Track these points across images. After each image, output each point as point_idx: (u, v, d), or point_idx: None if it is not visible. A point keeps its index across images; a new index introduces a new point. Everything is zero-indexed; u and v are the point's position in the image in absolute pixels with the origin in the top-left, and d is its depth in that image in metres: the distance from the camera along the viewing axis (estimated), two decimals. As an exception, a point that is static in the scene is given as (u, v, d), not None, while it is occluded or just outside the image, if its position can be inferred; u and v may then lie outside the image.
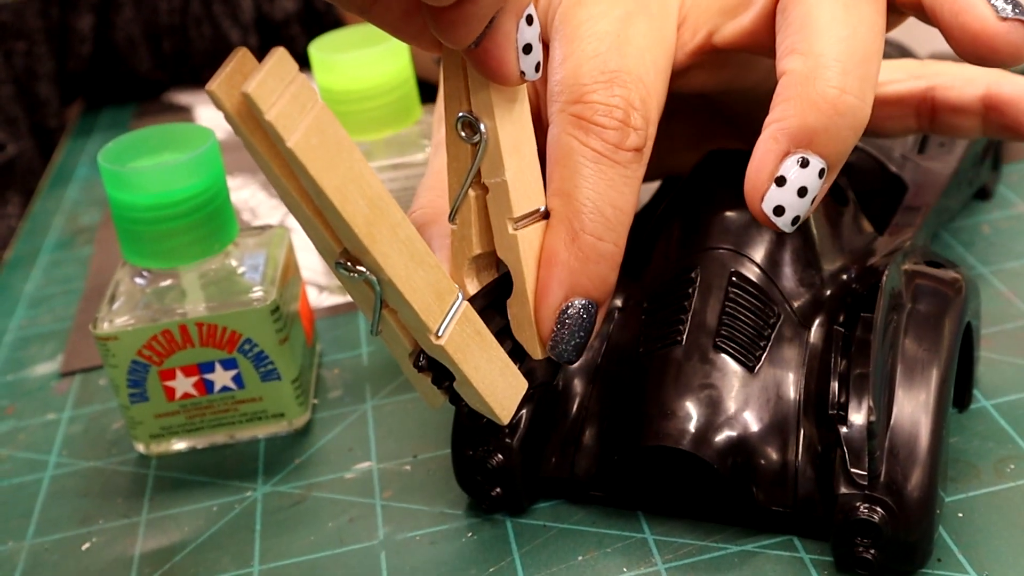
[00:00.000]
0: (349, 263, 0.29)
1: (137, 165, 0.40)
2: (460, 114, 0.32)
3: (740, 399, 0.34)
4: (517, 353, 0.34)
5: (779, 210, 0.30)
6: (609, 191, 0.32)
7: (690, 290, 0.35)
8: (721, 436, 0.33)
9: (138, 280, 0.41)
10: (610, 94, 0.33)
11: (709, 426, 0.33)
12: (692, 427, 0.33)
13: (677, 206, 0.38)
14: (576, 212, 0.32)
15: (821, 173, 0.30)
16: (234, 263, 0.42)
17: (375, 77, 0.48)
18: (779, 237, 0.36)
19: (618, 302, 0.38)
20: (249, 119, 0.26)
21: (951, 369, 0.33)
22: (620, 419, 0.35)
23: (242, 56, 0.26)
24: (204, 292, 0.41)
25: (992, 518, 0.34)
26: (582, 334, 0.32)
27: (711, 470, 0.33)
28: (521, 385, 0.34)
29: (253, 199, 0.61)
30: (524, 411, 0.36)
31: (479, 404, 0.32)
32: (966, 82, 0.39)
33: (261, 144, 0.27)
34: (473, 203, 0.34)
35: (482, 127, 0.32)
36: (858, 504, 0.32)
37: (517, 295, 0.34)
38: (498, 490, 0.36)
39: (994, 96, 0.38)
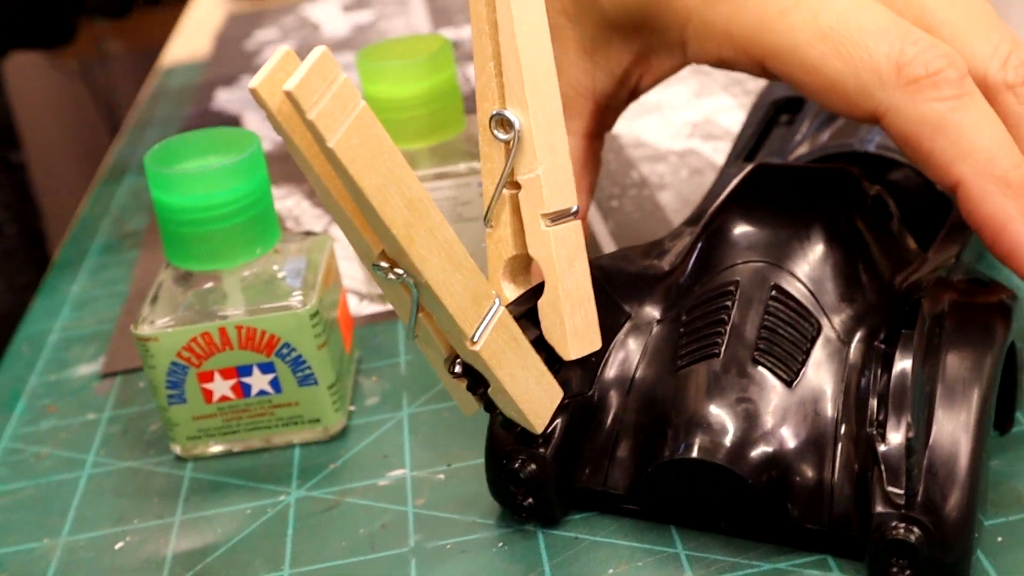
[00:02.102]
0: (387, 265, 0.29)
1: (182, 168, 0.40)
2: (494, 112, 0.33)
3: (777, 414, 0.34)
4: (552, 363, 0.34)
5: None
6: (985, 122, 0.33)
7: (729, 303, 0.35)
8: (757, 451, 0.33)
9: (179, 282, 0.42)
10: (911, 43, 0.33)
11: (745, 440, 0.33)
12: (728, 441, 0.33)
13: (719, 218, 0.38)
14: (989, 157, 0.33)
15: None
16: (276, 268, 0.42)
17: (420, 86, 0.48)
18: (821, 252, 0.36)
19: (656, 314, 0.38)
20: (291, 118, 0.27)
21: (993, 390, 0.33)
22: (655, 431, 0.35)
23: (286, 55, 0.26)
24: (245, 295, 0.42)
25: (1034, 544, 0.34)
26: None
27: (746, 485, 0.33)
28: (556, 394, 0.34)
29: (297, 208, 0.62)
30: (559, 421, 0.35)
31: (514, 412, 0.32)
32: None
33: (302, 143, 0.27)
34: (508, 202, 0.34)
35: (516, 123, 0.33)
36: (894, 524, 0.31)
37: (549, 295, 0.34)
38: (530, 500, 0.36)
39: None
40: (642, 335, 0.37)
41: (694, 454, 0.33)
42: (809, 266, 0.36)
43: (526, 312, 0.34)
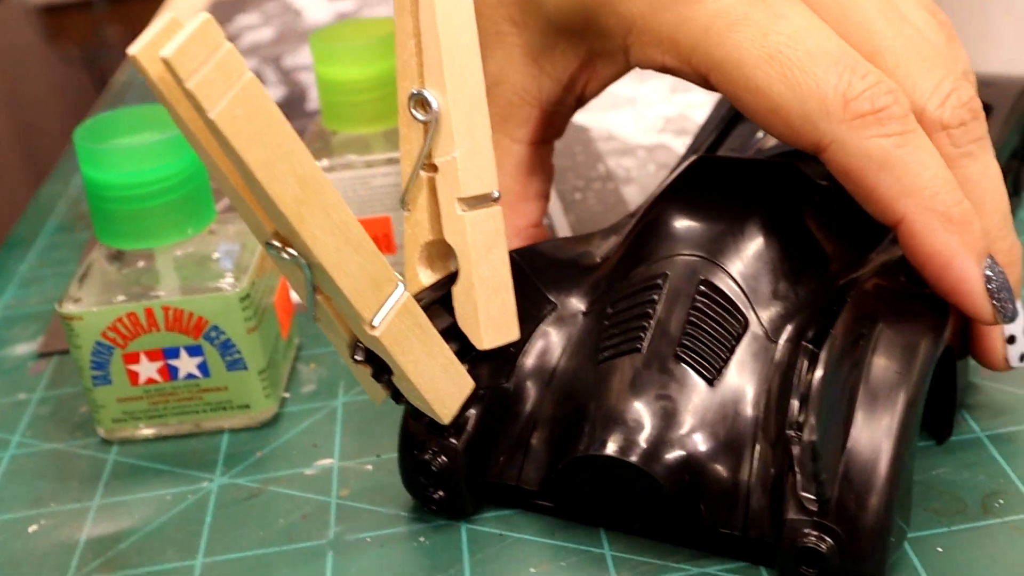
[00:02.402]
0: (279, 244, 0.28)
1: (113, 143, 0.39)
2: (413, 91, 0.32)
3: (696, 413, 0.32)
4: (466, 352, 0.33)
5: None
6: (928, 159, 0.32)
7: (656, 296, 0.34)
8: (672, 452, 0.32)
9: (110, 260, 0.41)
10: (860, 76, 0.32)
11: (660, 440, 0.32)
12: (643, 440, 0.32)
13: (654, 209, 0.36)
14: (932, 194, 0.32)
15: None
16: (210, 249, 0.41)
17: (373, 68, 0.47)
18: (757, 247, 0.34)
19: (583, 306, 0.36)
20: (173, 88, 0.25)
21: (920, 396, 0.31)
22: (571, 426, 0.34)
23: (171, 22, 0.25)
24: (178, 275, 0.40)
25: (974, 555, 0.32)
26: (1009, 286, 0.33)
27: (658, 486, 0.31)
28: (466, 385, 0.32)
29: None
30: (472, 412, 0.34)
31: (419, 401, 0.31)
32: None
33: (186, 115, 0.26)
34: (425, 185, 0.33)
35: (434, 104, 0.31)
36: (806, 531, 0.30)
37: (463, 282, 0.33)
38: (441, 493, 0.35)
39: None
40: (567, 327, 0.36)
41: (607, 451, 0.32)
42: (742, 261, 0.34)
43: (440, 299, 0.33)
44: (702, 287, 0.34)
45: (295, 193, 0.27)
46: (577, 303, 0.36)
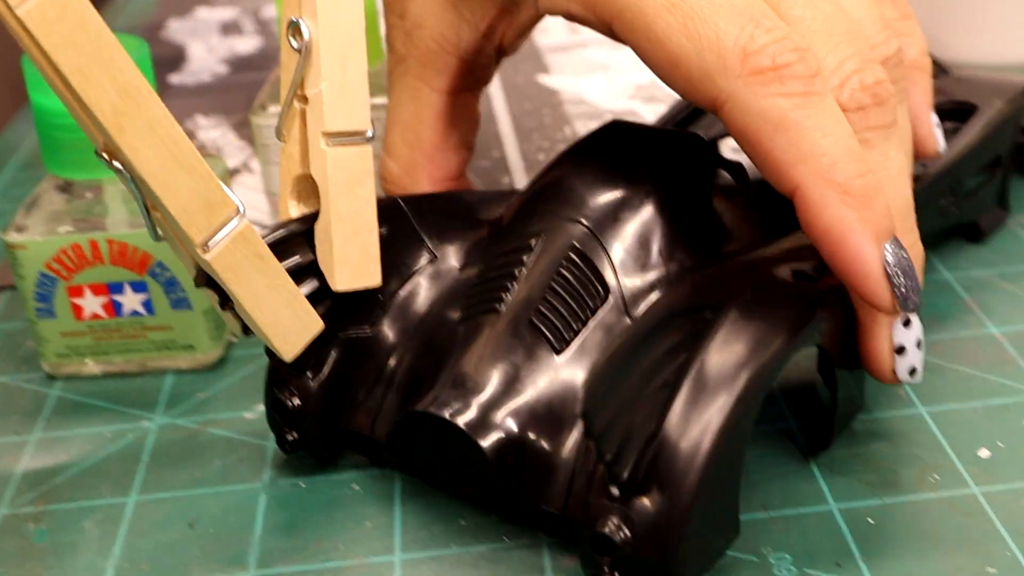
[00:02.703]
0: (107, 156, 0.28)
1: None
2: (292, 19, 0.32)
3: (536, 384, 0.31)
4: (324, 292, 0.33)
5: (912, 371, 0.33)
6: (833, 125, 0.30)
7: (525, 258, 0.33)
8: (502, 420, 0.31)
9: (58, 191, 0.40)
10: (764, 31, 0.30)
11: (494, 406, 0.31)
12: (476, 403, 0.31)
13: (551, 172, 0.35)
14: (831, 163, 0.30)
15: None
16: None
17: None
18: (641, 219, 0.33)
19: (455, 263, 0.35)
20: None
21: (756, 392, 0.29)
22: (421, 381, 0.33)
23: None
24: (127, 208, 0.40)
25: (904, 527, 0.32)
26: (913, 272, 0.31)
27: (481, 453, 0.30)
28: (314, 324, 0.32)
29: (223, 139, 0.60)
30: (331, 355, 0.34)
31: (260, 333, 0.31)
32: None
33: (8, 17, 0.26)
34: (298, 117, 0.33)
35: (306, 33, 0.32)
36: (604, 516, 0.28)
37: (322, 219, 0.33)
38: (294, 434, 0.34)
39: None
40: (442, 279, 0.35)
41: (437, 410, 0.31)
42: (621, 230, 0.33)
43: (303, 234, 0.33)
44: (571, 253, 0.32)
45: (113, 102, 0.27)
46: (457, 256, 0.35)
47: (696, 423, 0.28)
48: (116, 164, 0.28)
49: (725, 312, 0.30)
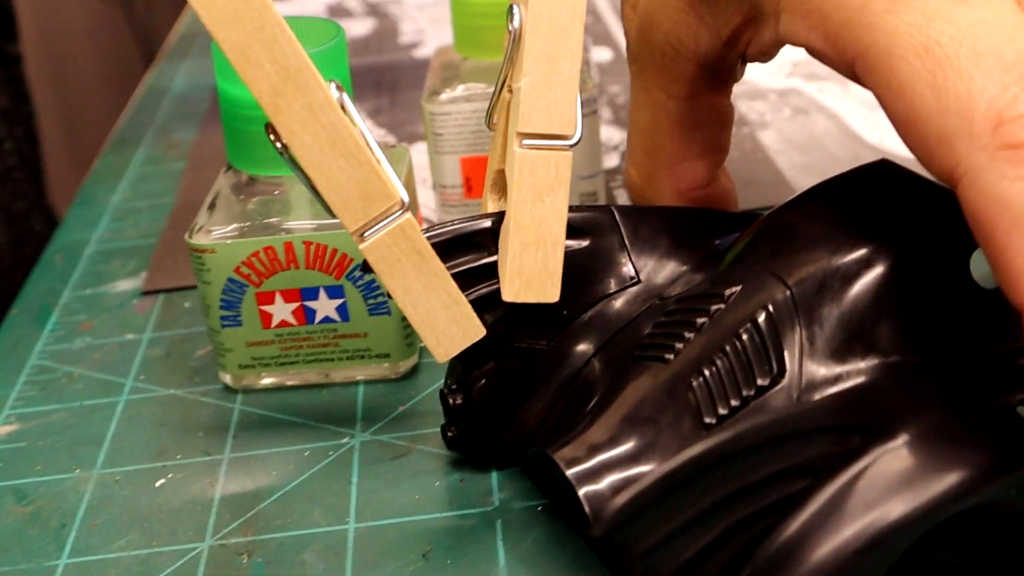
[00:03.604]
0: (273, 135, 0.29)
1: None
2: (512, 2, 0.30)
3: (665, 458, 0.27)
4: (490, 300, 0.31)
5: None
6: None
7: (714, 307, 0.29)
8: (615, 482, 0.27)
9: (239, 189, 0.37)
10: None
11: (613, 466, 0.27)
12: (597, 458, 0.27)
13: (788, 210, 0.31)
14: None
15: None
16: (347, 181, 0.37)
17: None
18: (856, 299, 0.28)
19: (661, 288, 0.32)
20: None
21: (906, 530, 0.24)
22: (575, 410, 0.30)
23: None
24: (313, 209, 0.36)
25: None
26: None
27: (584, 516, 0.27)
28: (473, 331, 0.30)
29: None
30: (502, 362, 0.32)
31: (415, 328, 0.30)
32: None
33: None
34: (505, 108, 0.31)
35: (516, 18, 0.29)
36: None
37: (505, 224, 0.30)
38: (453, 430, 0.33)
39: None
40: (640, 305, 0.32)
41: (553, 453, 0.28)
42: (823, 301, 0.28)
43: (494, 232, 0.31)
44: (759, 319, 0.28)
45: (273, 83, 0.27)
46: (666, 282, 0.32)
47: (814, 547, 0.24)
48: (278, 144, 0.29)
49: (890, 436, 0.25)
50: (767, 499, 0.25)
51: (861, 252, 0.28)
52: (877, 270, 0.28)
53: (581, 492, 0.27)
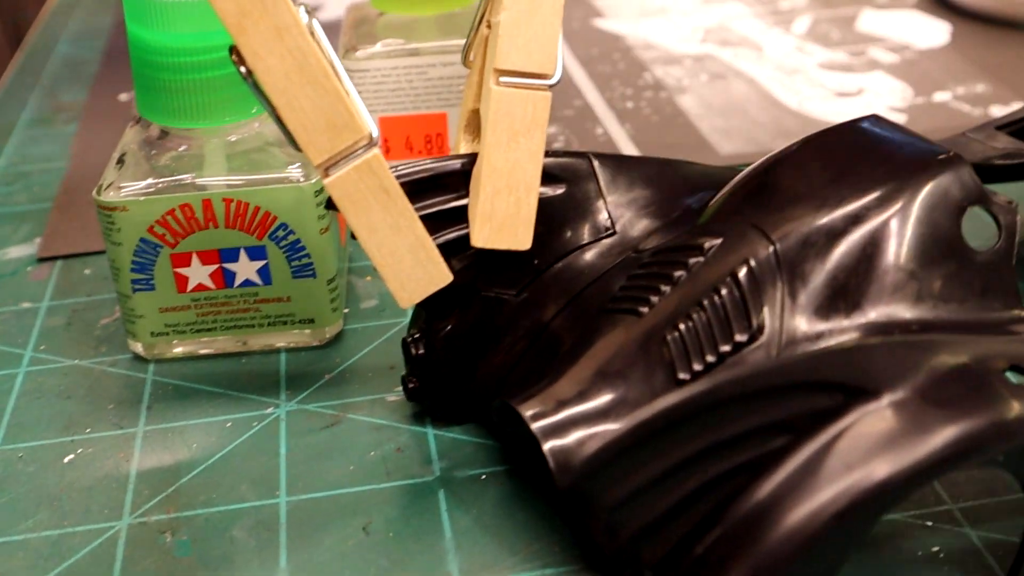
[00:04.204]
0: (236, 58, 0.27)
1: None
2: None
3: (635, 416, 0.26)
4: (458, 245, 0.29)
5: None
6: None
7: (692, 261, 0.28)
8: (584, 438, 0.26)
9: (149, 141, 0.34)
10: None
11: (582, 421, 0.26)
12: (565, 413, 0.26)
13: (781, 158, 0.29)
14: None
15: None
16: (268, 134, 0.35)
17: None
18: (842, 256, 0.27)
19: (637, 240, 0.31)
20: None
21: (883, 499, 0.24)
22: (544, 362, 0.29)
23: None
24: (229, 164, 0.34)
25: None
26: None
27: (547, 468, 0.26)
28: (440, 276, 0.28)
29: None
30: (469, 311, 0.30)
31: (379, 270, 0.28)
32: None
33: None
34: (482, 44, 0.29)
35: None
36: None
37: (477, 166, 0.29)
38: (415, 381, 0.31)
39: None
40: (614, 257, 0.30)
41: (519, 405, 0.27)
42: (808, 259, 0.27)
43: (466, 174, 0.29)
44: (740, 274, 0.27)
45: (239, 2, 0.26)
46: (642, 235, 0.31)
47: (787, 512, 0.23)
48: (242, 69, 0.27)
49: (874, 396, 0.24)
50: (741, 456, 0.24)
51: (848, 208, 0.27)
52: (865, 228, 0.27)
53: (546, 447, 0.26)
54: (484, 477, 0.30)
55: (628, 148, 0.46)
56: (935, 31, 0.55)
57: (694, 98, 0.50)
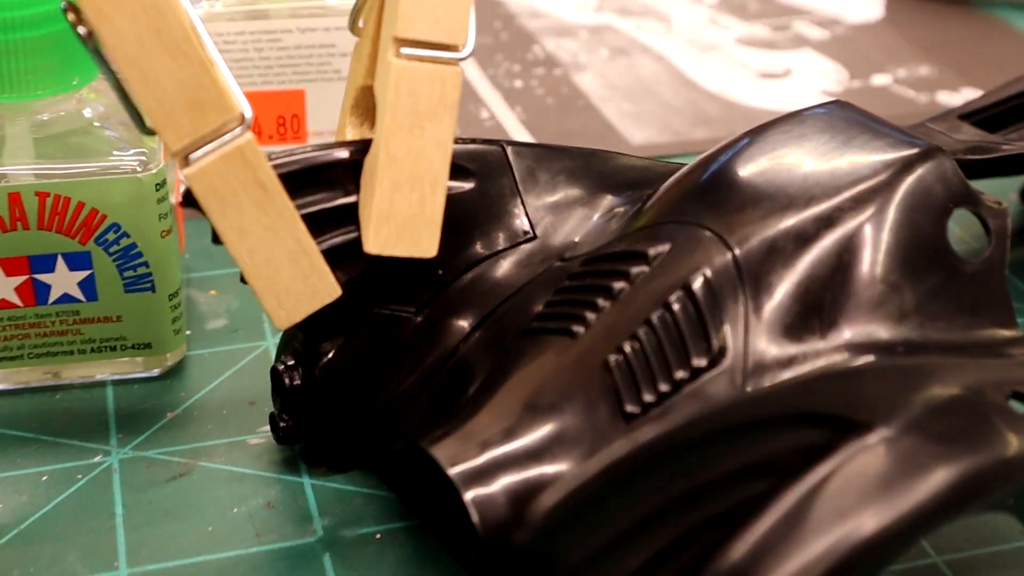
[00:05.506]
0: (74, 16, 0.26)
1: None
2: None
3: (583, 455, 0.25)
4: (346, 252, 0.28)
5: None
6: None
7: (634, 271, 0.27)
8: (511, 487, 0.25)
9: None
10: None
11: (506, 465, 0.26)
12: (486, 457, 0.26)
13: (736, 149, 0.29)
14: None
15: None
16: (89, 114, 0.32)
17: None
18: (812, 266, 0.27)
19: (560, 247, 0.30)
20: None
21: (880, 555, 0.23)
22: (453, 396, 0.28)
23: None
24: (39, 149, 0.32)
25: None
26: None
27: (470, 523, 0.25)
28: (325, 291, 0.28)
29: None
30: (359, 334, 0.29)
31: (251, 282, 0.27)
32: None
33: None
34: (377, 9, 0.29)
35: None
36: None
37: (371, 154, 0.28)
38: (287, 420, 0.30)
39: None
40: (534, 267, 0.30)
41: (430, 447, 0.26)
42: (774, 268, 0.27)
43: (354, 165, 0.29)
44: (694, 284, 0.26)
45: None
46: (566, 239, 0.30)
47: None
48: (81, 30, 0.26)
49: (866, 430, 0.23)
50: (719, 504, 0.23)
51: (818, 209, 0.27)
52: (838, 232, 0.27)
53: (468, 496, 0.25)
54: (379, 537, 0.29)
55: (522, 135, 0.45)
56: (866, 3, 0.56)
57: (595, 77, 0.50)
